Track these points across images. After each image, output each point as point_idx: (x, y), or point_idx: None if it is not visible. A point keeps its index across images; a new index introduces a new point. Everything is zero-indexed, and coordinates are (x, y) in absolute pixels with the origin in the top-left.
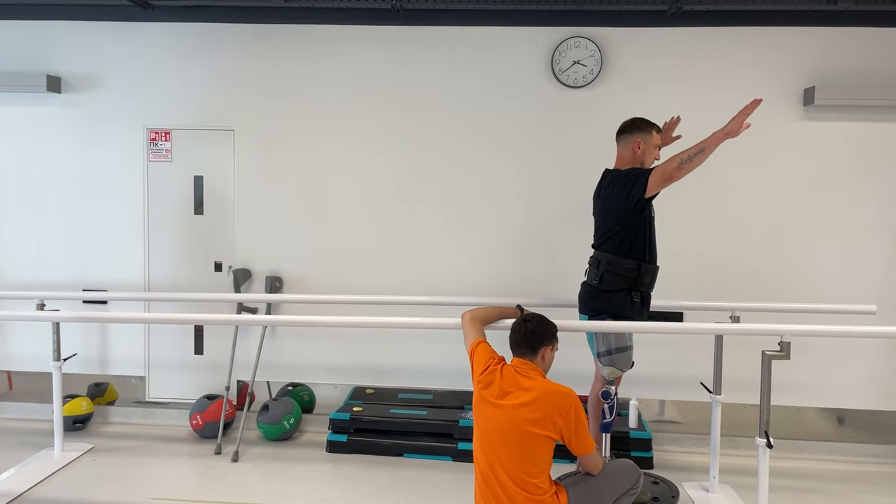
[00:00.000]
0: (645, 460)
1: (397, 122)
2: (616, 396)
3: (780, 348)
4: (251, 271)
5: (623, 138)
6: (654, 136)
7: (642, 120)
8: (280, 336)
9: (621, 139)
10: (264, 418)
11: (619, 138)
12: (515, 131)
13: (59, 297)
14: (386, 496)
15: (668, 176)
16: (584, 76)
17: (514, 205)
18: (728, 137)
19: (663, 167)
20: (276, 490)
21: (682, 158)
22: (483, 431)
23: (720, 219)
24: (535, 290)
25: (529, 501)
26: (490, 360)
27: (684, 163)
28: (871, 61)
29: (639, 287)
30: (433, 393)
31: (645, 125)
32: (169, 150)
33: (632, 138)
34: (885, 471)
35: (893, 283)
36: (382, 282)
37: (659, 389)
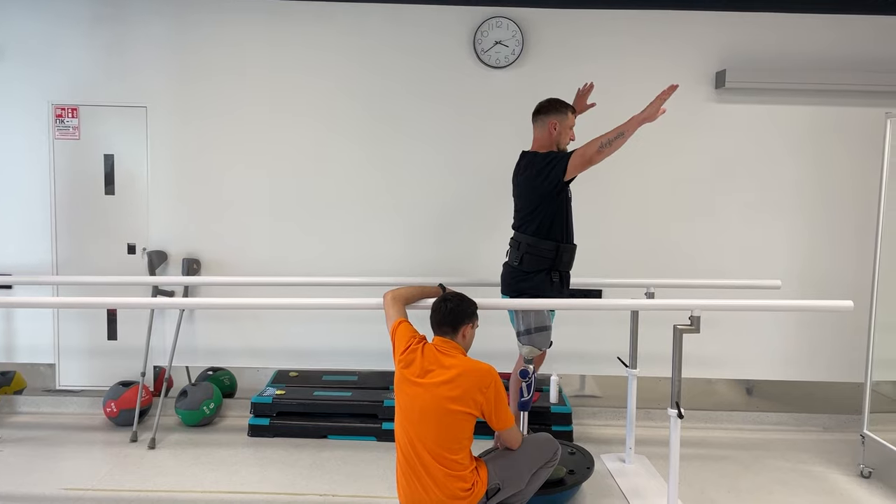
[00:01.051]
0: (565, 434)
1: (318, 101)
2: (534, 375)
3: (691, 322)
4: (167, 253)
5: (539, 119)
6: (569, 116)
7: (558, 101)
8: (198, 320)
9: (537, 120)
10: (183, 404)
11: (535, 119)
12: (439, 111)
13: None
14: (309, 478)
15: (588, 159)
16: (506, 56)
17: (437, 185)
18: (646, 122)
19: (583, 151)
20: (195, 476)
21: (602, 142)
22: (404, 410)
23: (636, 199)
24: (459, 269)
25: (449, 478)
26: (411, 340)
27: (604, 146)
28: (780, 46)
29: (558, 267)
30: (358, 374)
31: (561, 106)
32: (76, 128)
33: (548, 119)
34: (787, 437)
35: (798, 259)
36: (303, 263)
37: (580, 365)
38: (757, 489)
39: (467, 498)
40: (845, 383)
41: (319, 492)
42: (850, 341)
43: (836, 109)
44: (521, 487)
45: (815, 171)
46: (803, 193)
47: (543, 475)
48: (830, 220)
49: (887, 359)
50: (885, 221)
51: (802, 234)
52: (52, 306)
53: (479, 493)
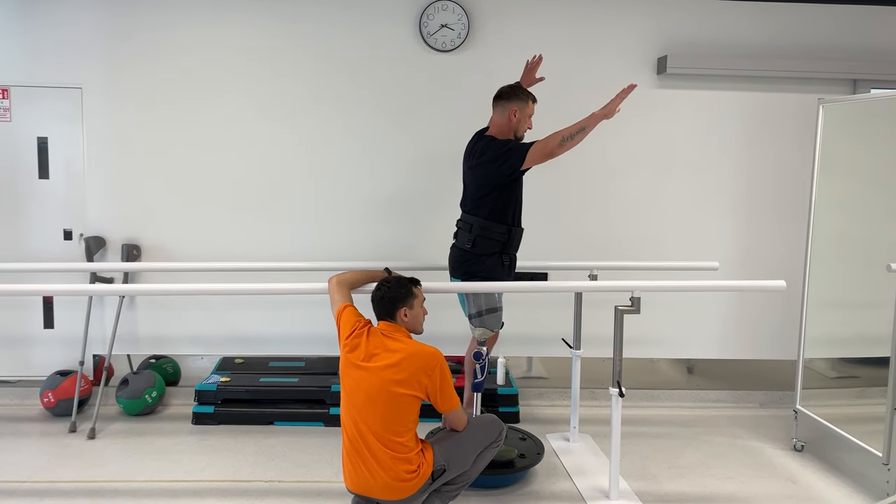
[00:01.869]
0: (512, 415)
1: (260, 84)
2: (487, 357)
3: (631, 303)
4: (105, 239)
5: (500, 104)
6: (530, 105)
7: (520, 89)
8: (140, 307)
9: (498, 105)
10: (124, 393)
11: (495, 103)
12: (385, 95)
13: None
14: (254, 465)
15: (549, 152)
16: (452, 40)
17: (385, 169)
18: (605, 118)
19: (545, 143)
20: (137, 465)
21: (564, 136)
22: (349, 394)
23: (580, 183)
24: (407, 253)
25: (395, 460)
26: (356, 324)
27: (566, 140)
28: (720, 33)
29: (508, 250)
30: (306, 360)
31: (523, 94)
32: (7, 109)
33: (509, 105)
34: (725, 414)
35: (736, 242)
36: (248, 249)
37: (527, 347)
38: (695, 464)
39: (413, 479)
40: (780, 361)
41: (265, 478)
42: (784, 321)
43: (773, 95)
44: (467, 468)
45: (753, 156)
46: (741, 178)
47: (488, 456)
48: (766, 203)
49: (819, 337)
50: (817, 204)
51: (740, 217)
52: None
53: (424, 475)
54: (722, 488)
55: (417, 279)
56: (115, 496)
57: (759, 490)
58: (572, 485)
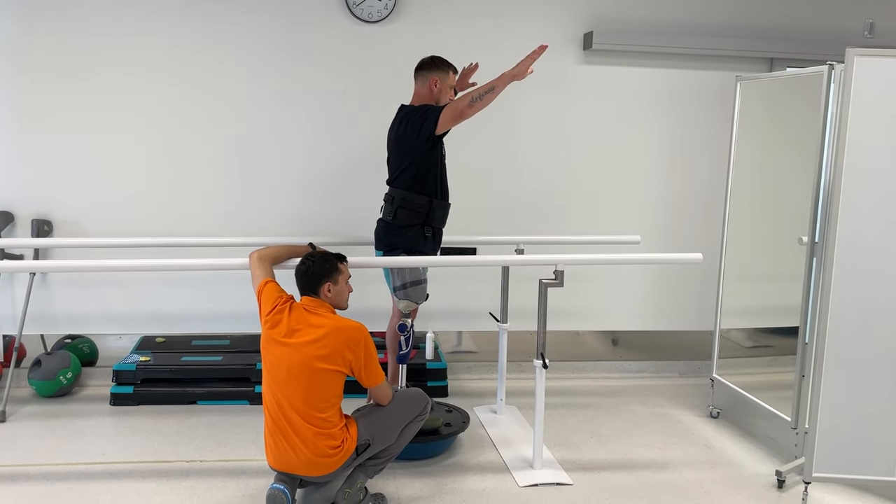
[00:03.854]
0: (440, 389)
1: (178, 53)
2: (412, 329)
3: (555, 276)
4: (13, 214)
5: (421, 75)
6: (450, 76)
7: (441, 59)
8: (53, 285)
9: (419, 75)
10: (37, 374)
11: (416, 74)
12: (309, 67)
13: None
14: (175, 444)
15: (459, 113)
16: (379, 11)
17: (309, 142)
18: (515, 79)
19: (455, 104)
20: (51, 448)
21: (473, 97)
22: (271, 371)
23: (508, 159)
24: (334, 229)
25: (318, 436)
26: (278, 300)
27: (475, 101)
28: (644, 10)
29: (430, 222)
30: (230, 338)
31: (443, 64)
32: None
33: (429, 76)
34: (647, 384)
35: (657, 216)
36: (167, 225)
37: (456, 322)
38: (616, 433)
39: (336, 455)
40: (699, 331)
41: (186, 458)
42: (702, 292)
43: (694, 73)
44: (392, 442)
45: (674, 132)
46: (662, 153)
47: (413, 429)
48: (686, 178)
49: (735, 308)
50: (734, 179)
51: (661, 191)
52: None
53: (348, 450)
54: (641, 455)
55: (343, 255)
56: (27, 480)
57: (676, 455)
58: (498, 455)
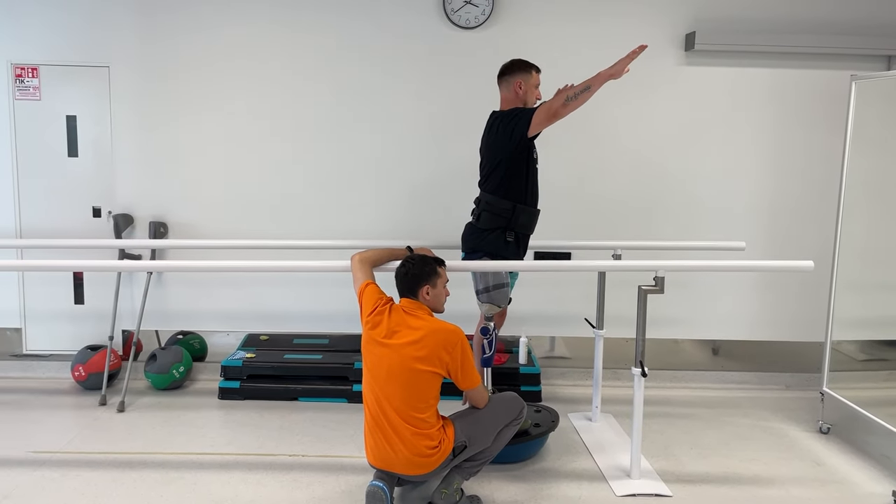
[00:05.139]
0: (534, 394)
1: (286, 63)
2: (495, 332)
3: (655, 283)
4: (133, 217)
5: (504, 80)
6: (534, 75)
7: (521, 61)
8: (168, 283)
9: (502, 81)
10: (152, 367)
11: (500, 81)
12: (409, 75)
13: None
14: (278, 439)
15: (553, 112)
16: (476, 17)
17: (410, 149)
18: (612, 78)
19: (549, 104)
20: (164, 438)
21: (568, 95)
22: (371, 371)
23: (604, 161)
24: (430, 233)
25: (416, 436)
26: (378, 301)
27: (570, 100)
28: (750, 8)
29: (513, 227)
30: (329, 337)
31: (524, 66)
32: (37, 88)
33: (512, 80)
34: (750, 395)
35: (764, 221)
36: (273, 227)
37: (550, 327)
38: (718, 445)
39: (434, 455)
40: (807, 342)
41: (289, 452)
42: (812, 302)
43: (803, 72)
44: (488, 445)
45: (783, 134)
46: (769, 156)
47: (509, 433)
48: (795, 182)
49: (847, 318)
50: (848, 184)
51: (768, 196)
52: (16, 269)
53: (445, 451)
54: (745, 469)
55: (443, 259)
56: (144, 468)
57: (783, 471)
58: (593, 463)
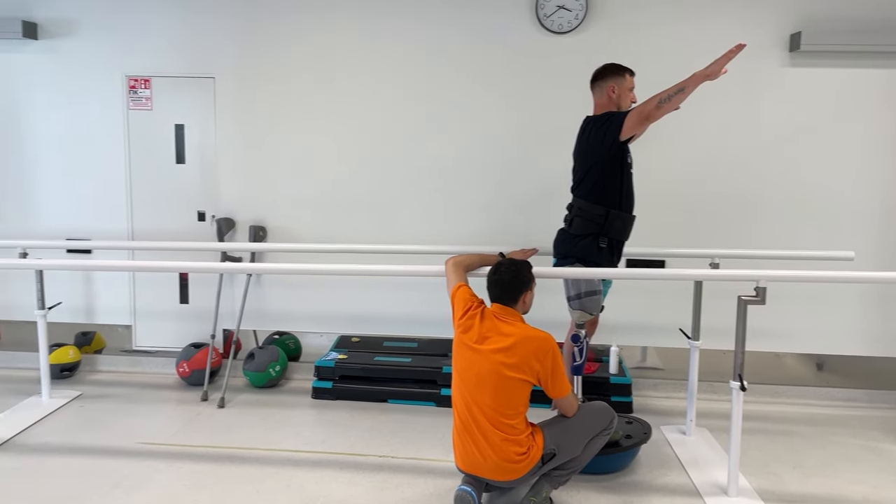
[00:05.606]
0: (624, 405)
1: (380, 71)
2: (586, 339)
3: (756, 293)
4: (235, 221)
5: (597, 85)
6: (627, 79)
7: (614, 65)
8: (265, 285)
9: (596, 86)
10: (250, 366)
11: (593, 86)
12: (500, 80)
13: (42, 245)
14: (368, 439)
15: (646, 115)
16: (570, 21)
17: (501, 154)
18: (708, 79)
19: (641, 107)
20: (262, 435)
21: (662, 98)
22: (461, 375)
23: (704, 166)
24: (521, 239)
25: (505, 442)
26: (470, 305)
27: (663, 102)
28: (858, 7)
29: (607, 233)
30: (418, 341)
31: (618, 69)
32: (149, 98)
33: (605, 84)
34: (859, 414)
35: (874, 230)
36: (367, 232)
37: (641, 336)
38: (823, 465)
39: (522, 462)
40: None
41: (378, 453)
42: None
43: None
44: (577, 454)
45: (893, 138)
46: (882, 161)
47: (599, 443)
48: None
49: None
50: None
51: (879, 203)
52: (128, 269)
53: (534, 458)
54: (852, 492)
55: (531, 264)
56: (243, 462)
57: (894, 495)
58: (687, 478)
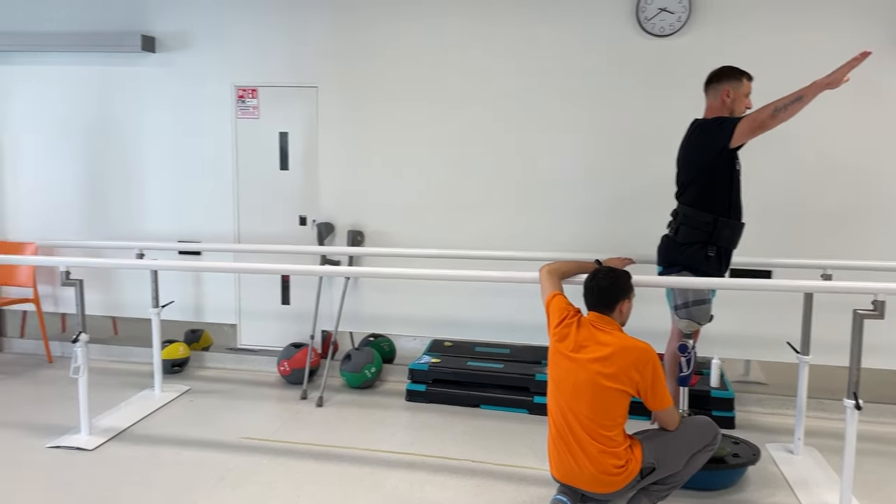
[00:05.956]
0: (726, 420)
1: (477, 76)
2: (694, 350)
3: (874, 307)
4: (334, 225)
5: (711, 87)
6: (744, 83)
7: (731, 68)
8: (362, 288)
9: (710, 88)
10: (347, 367)
11: (707, 88)
12: (598, 83)
13: (157, 247)
14: (461, 444)
15: (759, 124)
16: (671, 24)
17: (597, 159)
18: (828, 88)
19: (755, 115)
20: (358, 435)
21: (778, 106)
22: (557, 383)
23: (815, 172)
24: (619, 246)
25: (603, 453)
26: (566, 313)
27: (779, 111)
28: None
29: (715, 241)
30: (510, 347)
31: (735, 73)
32: (256, 107)
33: (720, 87)
34: None
35: None
36: (462, 237)
37: (744, 349)
38: None
39: (620, 475)
40: None
41: (471, 458)
42: None
43: None
44: (678, 469)
45: None
46: None
47: (702, 459)
48: None
49: None
50: None
51: None
52: (234, 271)
53: (632, 472)
54: None
55: (629, 273)
56: (340, 461)
57: None
58: (794, 499)
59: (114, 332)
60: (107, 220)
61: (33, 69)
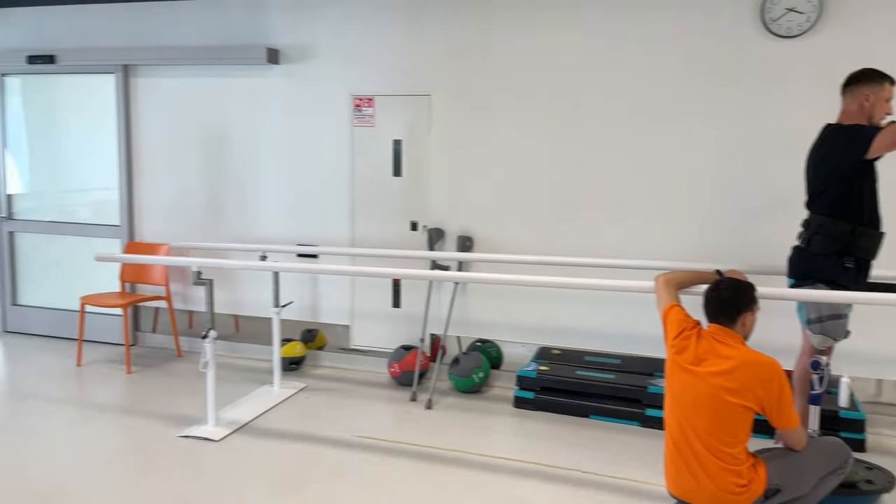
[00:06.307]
0: (856, 443)
1: (592, 81)
2: (827, 367)
3: None
4: (444, 231)
5: (850, 91)
6: (886, 88)
7: (873, 70)
8: (470, 293)
9: (847, 91)
10: (455, 371)
11: (844, 91)
12: (720, 86)
13: (278, 250)
14: (571, 453)
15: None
16: (800, 24)
17: (718, 166)
18: None
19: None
20: (466, 438)
21: None
22: (675, 397)
23: None
24: (739, 256)
25: (724, 471)
26: (684, 325)
27: None
28: None
29: (853, 252)
30: (621, 358)
31: (876, 76)
32: (372, 116)
33: (859, 90)
34: None
35: None
36: (571, 244)
37: (877, 368)
38: None
39: (743, 494)
40: None
41: (582, 469)
42: None
43: None
44: (805, 493)
45: None
46: None
47: (831, 483)
48: None
49: None
50: None
51: None
52: (349, 274)
53: (755, 492)
54: None
55: (753, 284)
56: (449, 463)
57: None
58: None
59: (235, 329)
60: (228, 224)
61: (163, 81)
